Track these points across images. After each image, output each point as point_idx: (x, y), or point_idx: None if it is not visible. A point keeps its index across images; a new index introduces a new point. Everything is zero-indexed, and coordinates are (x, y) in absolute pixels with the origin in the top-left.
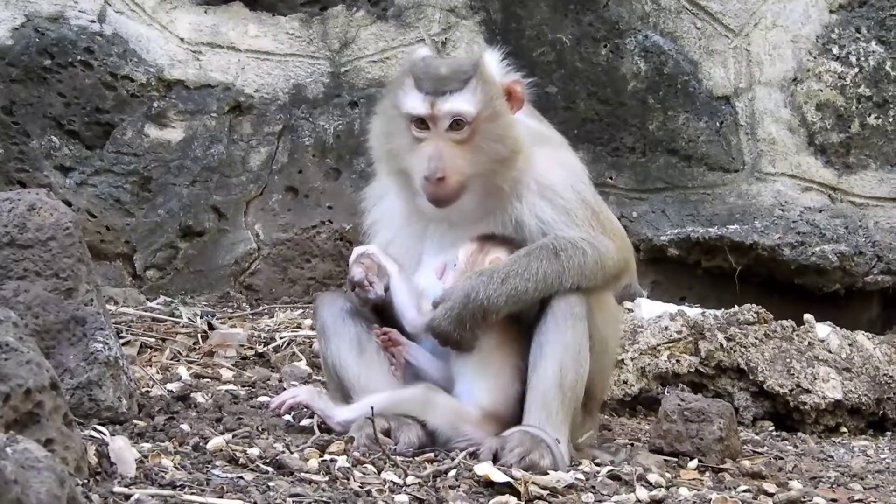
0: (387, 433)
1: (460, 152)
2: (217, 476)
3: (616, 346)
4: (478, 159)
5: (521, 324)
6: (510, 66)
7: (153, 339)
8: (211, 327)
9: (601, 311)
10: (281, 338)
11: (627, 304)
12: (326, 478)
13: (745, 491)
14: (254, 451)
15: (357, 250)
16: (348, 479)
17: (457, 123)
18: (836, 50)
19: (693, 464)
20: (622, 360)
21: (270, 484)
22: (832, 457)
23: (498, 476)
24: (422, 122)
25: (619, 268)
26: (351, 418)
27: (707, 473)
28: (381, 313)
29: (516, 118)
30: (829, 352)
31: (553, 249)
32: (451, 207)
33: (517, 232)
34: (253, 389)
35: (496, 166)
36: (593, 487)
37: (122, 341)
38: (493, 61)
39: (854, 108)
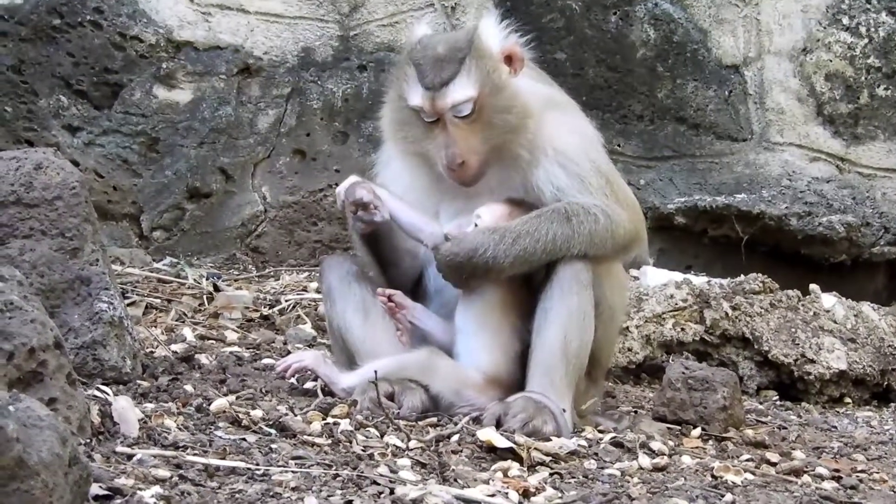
0: (390, 397)
1: (472, 133)
2: (220, 437)
3: (623, 314)
4: (491, 133)
5: (525, 287)
6: (510, 28)
7: (158, 300)
8: (216, 289)
9: (609, 279)
10: (286, 300)
11: (633, 272)
12: (329, 441)
13: (747, 460)
14: (257, 413)
15: (347, 181)
16: (351, 443)
17: (462, 109)
18: (845, 20)
19: (696, 432)
20: (627, 327)
21: (273, 446)
22: (836, 427)
23: (501, 442)
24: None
25: (629, 237)
26: (355, 384)
27: (710, 442)
28: (386, 272)
29: (522, 83)
30: (835, 322)
31: (565, 213)
32: (478, 184)
33: (532, 196)
34: (257, 352)
35: (510, 135)
36: (596, 454)
37: (127, 302)
38: (489, 29)
39: (863, 78)
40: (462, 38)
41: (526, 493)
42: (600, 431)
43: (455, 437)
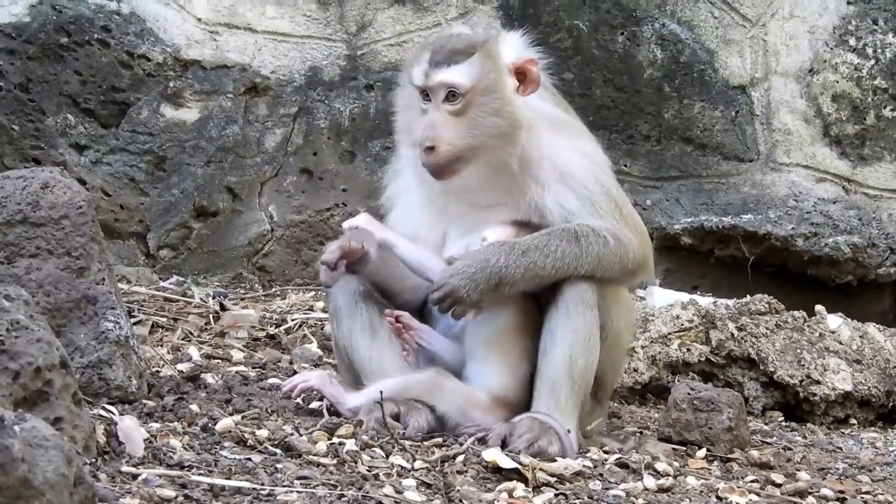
0: (396, 417)
1: (454, 123)
2: (225, 457)
3: (629, 338)
4: (473, 132)
5: (534, 309)
6: (534, 48)
7: (165, 319)
8: (223, 308)
9: (616, 303)
10: (293, 320)
11: (639, 292)
12: (334, 461)
13: (752, 481)
14: (262, 433)
15: (348, 224)
16: (356, 463)
17: (451, 95)
18: (852, 41)
19: (701, 453)
20: (633, 347)
21: (278, 466)
22: (841, 448)
23: (506, 462)
24: (425, 94)
25: (637, 263)
26: (361, 404)
27: (715, 463)
28: (391, 297)
29: (528, 100)
30: (840, 343)
31: (574, 234)
32: (451, 180)
33: (541, 219)
34: (263, 371)
35: (495, 141)
36: (601, 475)
37: (133, 320)
38: (510, 40)
39: (870, 99)
40: (480, 38)
41: None
42: (605, 452)
43: (460, 458)
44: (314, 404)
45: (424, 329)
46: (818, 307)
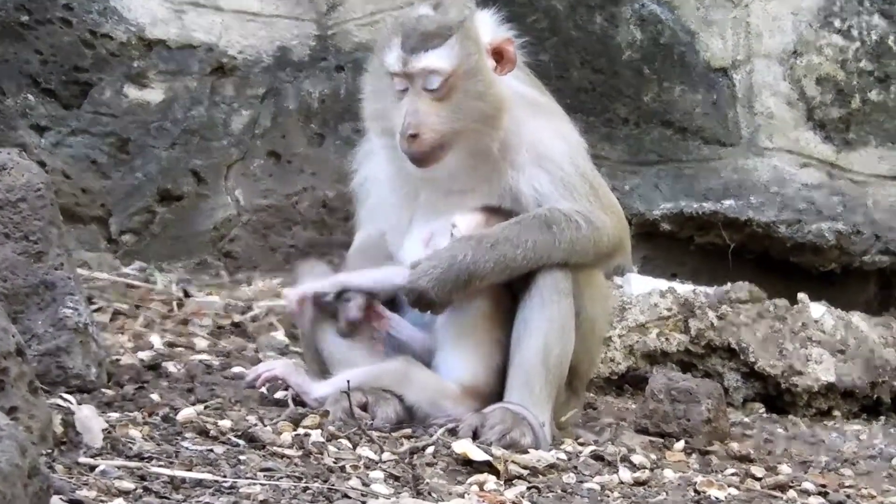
0: (364, 408)
1: (437, 109)
2: (186, 448)
3: (605, 325)
4: (456, 117)
5: (506, 298)
6: (507, 28)
7: (126, 306)
8: (187, 295)
9: (589, 288)
10: (259, 307)
11: (616, 280)
12: (300, 452)
13: (732, 474)
14: (225, 424)
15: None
16: (322, 455)
17: (433, 80)
18: (837, 23)
19: (679, 445)
20: (609, 337)
21: (241, 457)
22: (824, 441)
23: (477, 454)
24: (402, 80)
25: (613, 246)
26: (327, 394)
27: (693, 455)
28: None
29: (505, 80)
30: (823, 333)
31: (546, 220)
32: (434, 168)
33: (515, 204)
34: (227, 360)
35: (478, 125)
36: (575, 468)
37: (93, 307)
38: (484, 21)
39: (855, 82)
40: (454, 19)
41: None
42: (580, 444)
43: (430, 450)
44: (279, 394)
45: (394, 318)
46: (801, 295)
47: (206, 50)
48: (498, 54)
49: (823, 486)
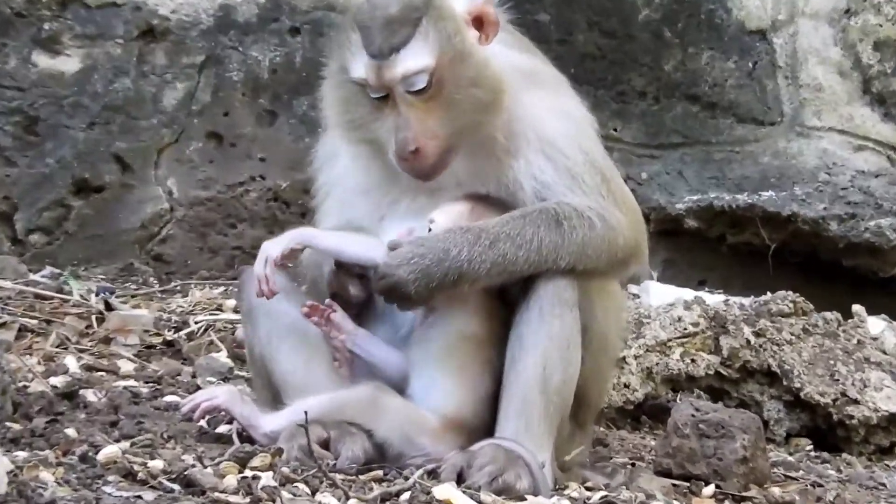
0: (325, 444)
1: (430, 112)
2: (109, 495)
3: (618, 341)
4: (454, 114)
5: (500, 309)
6: None
7: (35, 321)
8: (109, 307)
9: (601, 297)
10: (196, 322)
11: (632, 289)
12: (247, 499)
13: None
14: (156, 465)
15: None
16: (274, 502)
17: (416, 82)
18: None
19: (709, 490)
20: (624, 357)
21: None
22: (884, 484)
23: (463, 500)
24: (377, 89)
25: (628, 250)
26: (280, 428)
27: (726, 502)
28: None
29: (495, 50)
30: (884, 353)
31: (554, 216)
32: (441, 176)
33: (509, 195)
34: (158, 387)
35: (480, 115)
36: None
37: None
38: None
39: None
40: None
41: None
42: (588, 489)
43: (405, 496)
44: (222, 428)
45: (360, 333)
46: (856, 307)
47: (132, 8)
48: (478, 21)
49: None
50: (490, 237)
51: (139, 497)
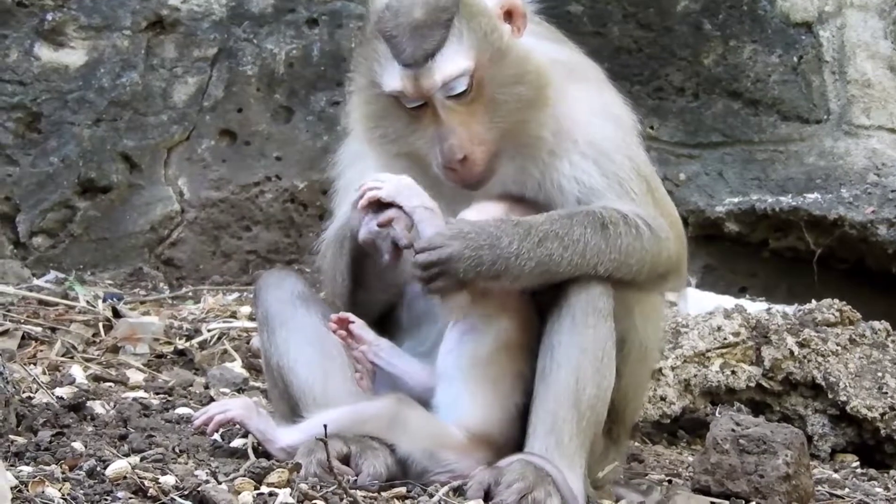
0: (345, 460)
1: (473, 116)
2: None
3: (657, 352)
4: (500, 115)
5: (535, 320)
6: None
7: (39, 329)
8: (116, 314)
9: (640, 305)
10: (209, 330)
11: (670, 296)
12: None
13: None
14: (168, 480)
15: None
16: None
17: (456, 86)
18: None
19: None
20: (660, 369)
21: None
22: None
23: None
24: (413, 98)
25: (670, 265)
26: (298, 442)
27: None
28: (361, 297)
29: (529, 43)
30: None
31: (600, 219)
32: (490, 182)
33: (548, 198)
34: (169, 398)
35: (525, 113)
36: None
37: None
38: None
39: None
40: None
41: None
42: None
43: None
44: (236, 442)
45: (382, 344)
46: None
47: None
48: (507, 14)
49: None
50: (539, 234)
51: None
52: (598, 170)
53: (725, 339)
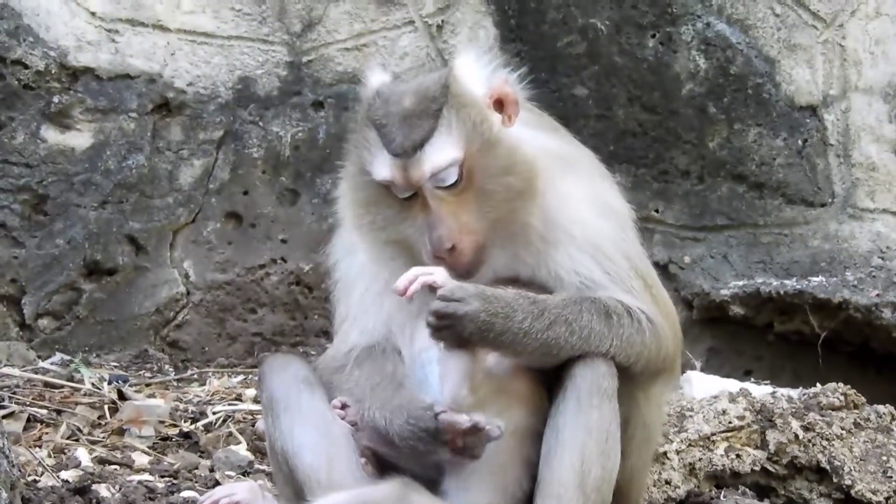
0: None
1: (463, 206)
2: None
3: (660, 432)
4: (488, 205)
5: (545, 404)
6: (495, 63)
7: (45, 411)
8: (122, 397)
9: (644, 386)
10: (214, 413)
11: None
12: None
13: None
14: None
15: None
16: None
17: (446, 178)
18: None
19: None
20: (664, 452)
21: None
22: None
23: None
24: (403, 188)
25: (666, 363)
26: None
27: None
28: None
29: (521, 134)
30: None
31: (605, 308)
32: (480, 272)
33: (545, 284)
34: (175, 481)
35: (515, 203)
36: None
37: (2, 412)
38: (469, 67)
39: None
40: (434, 82)
41: None
42: None
43: None
44: None
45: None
46: None
47: (146, 81)
48: (498, 103)
49: None
50: (551, 317)
51: None
52: (596, 266)
53: (730, 422)
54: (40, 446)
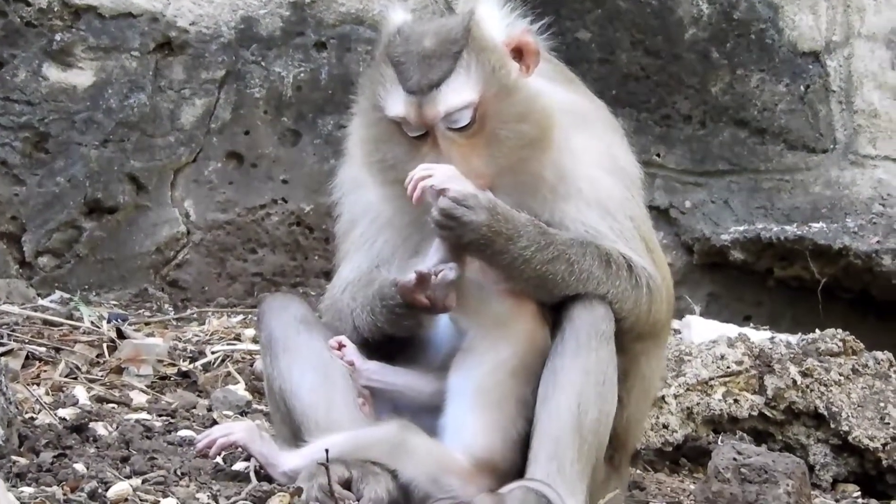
0: (347, 485)
1: (474, 150)
2: None
3: (659, 380)
4: (500, 151)
5: (546, 344)
6: (517, 11)
7: (44, 349)
8: (121, 335)
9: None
10: (213, 352)
11: (674, 324)
12: None
13: None
14: (169, 503)
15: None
16: None
17: (459, 119)
18: None
19: None
20: (663, 397)
21: None
22: None
23: None
24: (416, 126)
25: (653, 327)
26: (300, 467)
27: None
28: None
29: (538, 84)
30: None
31: (608, 257)
32: None
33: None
34: (172, 420)
35: (526, 151)
36: None
37: (1, 350)
38: (491, 14)
39: None
40: (456, 26)
41: None
42: None
43: None
44: (238, 465)
45: (371, 367)
46: None
47: (149, 20)
48: (517, 52)
49: None
50: (556, 252)
51: None
52: (604, 222)
53: (728, 367)
54: (38, 384)
